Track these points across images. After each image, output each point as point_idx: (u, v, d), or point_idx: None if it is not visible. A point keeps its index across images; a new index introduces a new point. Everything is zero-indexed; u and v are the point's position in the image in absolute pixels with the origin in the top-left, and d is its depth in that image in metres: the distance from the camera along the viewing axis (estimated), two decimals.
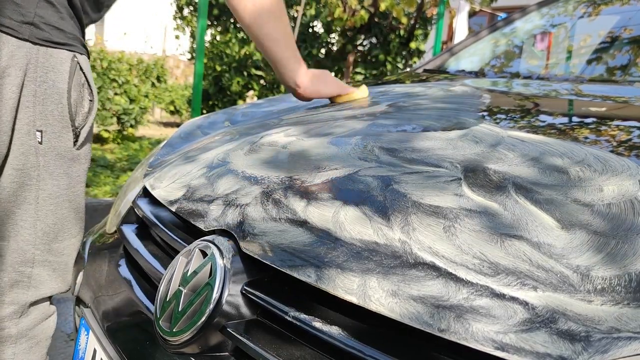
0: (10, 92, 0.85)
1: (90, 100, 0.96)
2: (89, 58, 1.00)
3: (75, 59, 0.93)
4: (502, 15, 7.47)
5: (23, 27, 0.86)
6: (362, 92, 1.25)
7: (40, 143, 0.90)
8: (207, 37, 7.47)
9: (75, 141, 0.95)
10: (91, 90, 0.97)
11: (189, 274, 0.71)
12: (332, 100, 1.25)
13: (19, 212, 0.91)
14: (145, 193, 1.03)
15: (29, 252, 0.93)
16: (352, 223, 0.64)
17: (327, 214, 0.67)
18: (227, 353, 0.67)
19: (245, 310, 0.67)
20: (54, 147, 0.91)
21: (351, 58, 6.85)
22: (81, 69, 0.94)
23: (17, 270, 0.93)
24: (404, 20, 6.48)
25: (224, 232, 0.74)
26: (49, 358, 1.02)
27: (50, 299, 1.00)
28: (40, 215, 0.92)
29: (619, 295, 0.49)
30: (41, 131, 0.89)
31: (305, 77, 1.20)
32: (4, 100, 0.85)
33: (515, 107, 1.09)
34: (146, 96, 5.94)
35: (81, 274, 1.04)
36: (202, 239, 0.74)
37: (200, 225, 0.77)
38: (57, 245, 0.96)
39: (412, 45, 7.06)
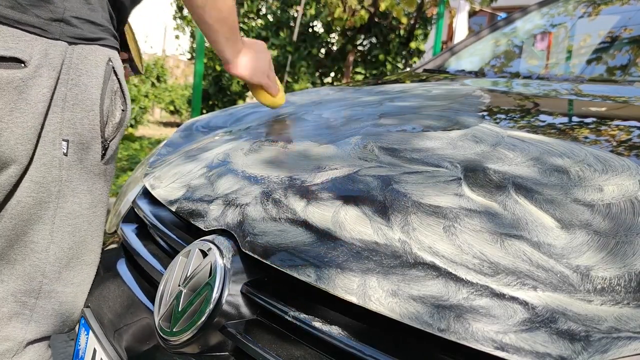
0: (41, 94, 0.75)
1: (123, 110, 0.86)
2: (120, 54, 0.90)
3: (110, 63, 0.83)
4: (502, 15, 7.47)
5: (53, 25, 0.76)
6: (280, 99, 1.21)
7: (66, 154, 0.79)
8: None
9: (104, 154, 0.84)
10: (124, 98, 0.87)
11: (189, 273, 0.71)
12: (251, 89, 1.19)
13: (31, 232, 0.80)
14: (145, 193, 1.03)
15: (36, 280, 0.81)
16: (352, 223, 0.64)
17: (327, 214, 0.67)
18: (227, 353, 0.67)
19: (245, 310, 0.67)
20: (80, 160, 0.80)
21: (351, 58, 6.85)
22: (116, 74, 0.84)
23: (20, 301, 0.81)
24: (404, 20, 6.49)
25: (224, 232, 0.74)
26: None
27: (49, 339, 0.87)
28: (55, 238, 0.81)
29: (619, 295, 0.49)
30: (67, 141, 0.79)
31: (238, 56, 1.08)
32: (32, 104, 0.75)
33: (515, 107, 1.09)
34: (146, 96, 5.95)
35: None
36: (202, 238, 0.74)
37: (200, 225, 0.77)
38: (68, 273, 0.84)
39: (412, 45, 7.06)
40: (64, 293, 0.84)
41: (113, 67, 0.83)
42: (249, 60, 1.10)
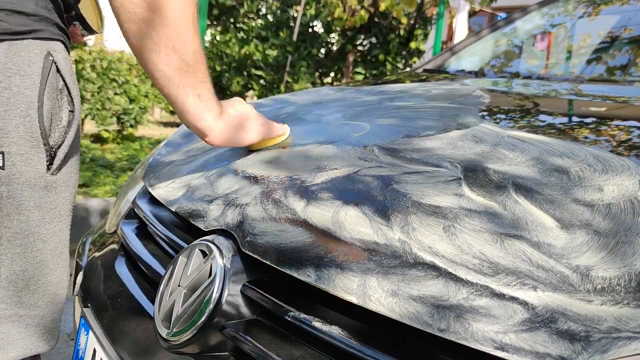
0: None
1: (71, 111, 0.75)
2: (68, 50, 0.77)
3: (51, 57, 0.71)
4: (502, 15, 7.47)
5: None
6: (285, 134, 0.97)
7: (2, 168, 0.70)
8: (207, 37, 7.47)
9: (50, 164, 0.73)
10: (71, 97, 0.75)
11: (189, 273, 0.71)
12: (250, 148, 0.93)
13: None
14: (145, 193, 1.03)
15: None
16: (352, 223, 0.64)
17: (327, 214, 0.67)
18: (227, 353, 0.67)
19: (245, 310, 0.67)
20: (20, 173, 0.71)
21: (351, 58, 6.86)
22: (58, 70, 0.73)
23: None
24: (404, 20, 6.50)
25: (224, 232, 0.74)
26: (49, 359, 0.99)
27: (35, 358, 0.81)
28: (4, 260, 0.73)
29: (619, 295, 0.49)
30: (2, 153, 0.69)
31: (216, 122, 0.82)
32: None
33: (515, 107, 1.09)
34: (146, 96, 5.95)
35: (81, 274, 1.04)
36: (201, 238, 0.74)
37: (200, 225, 0.77)
38: (29, 296, 0.76)
39: (412, 45, 7.07)
40: (31, 316, 0.77)
41: (54, 62, 0.72)
42: (236, 117, 0.85)
